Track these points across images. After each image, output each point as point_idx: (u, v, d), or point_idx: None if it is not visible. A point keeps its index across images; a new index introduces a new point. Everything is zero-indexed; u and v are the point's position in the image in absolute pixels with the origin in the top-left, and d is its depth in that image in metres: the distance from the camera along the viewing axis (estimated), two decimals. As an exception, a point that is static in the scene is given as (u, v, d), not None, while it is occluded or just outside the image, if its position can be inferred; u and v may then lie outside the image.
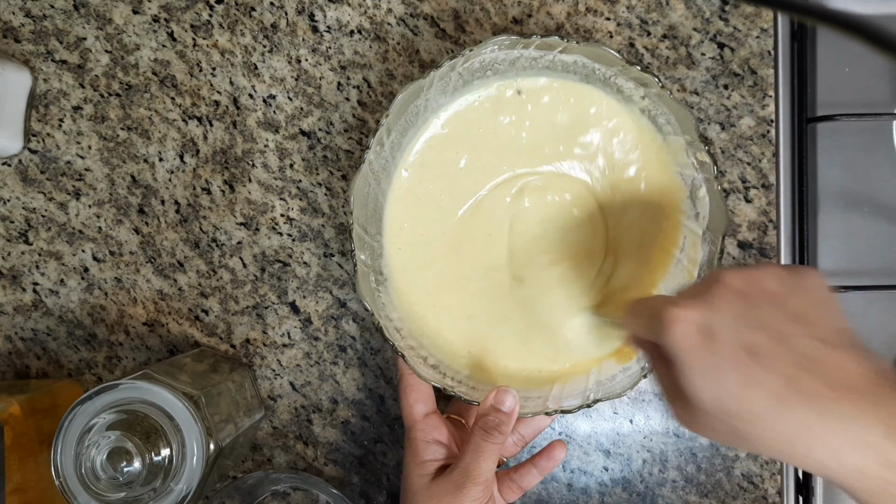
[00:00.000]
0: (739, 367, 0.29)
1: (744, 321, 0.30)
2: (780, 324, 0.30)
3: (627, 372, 0.44)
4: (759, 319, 0.30)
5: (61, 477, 0.39)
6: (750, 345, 0.29)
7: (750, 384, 0.29)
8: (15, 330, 0.52)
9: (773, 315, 0.30)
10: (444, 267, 0.47)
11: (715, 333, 0.30)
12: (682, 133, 0.43)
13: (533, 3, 0.51)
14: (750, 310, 0.30)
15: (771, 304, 0.30)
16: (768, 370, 0.29)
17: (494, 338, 0.47)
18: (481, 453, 0.41)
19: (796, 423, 0.28)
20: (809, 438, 0.28)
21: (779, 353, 0.29)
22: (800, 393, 0.28)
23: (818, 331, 0.29)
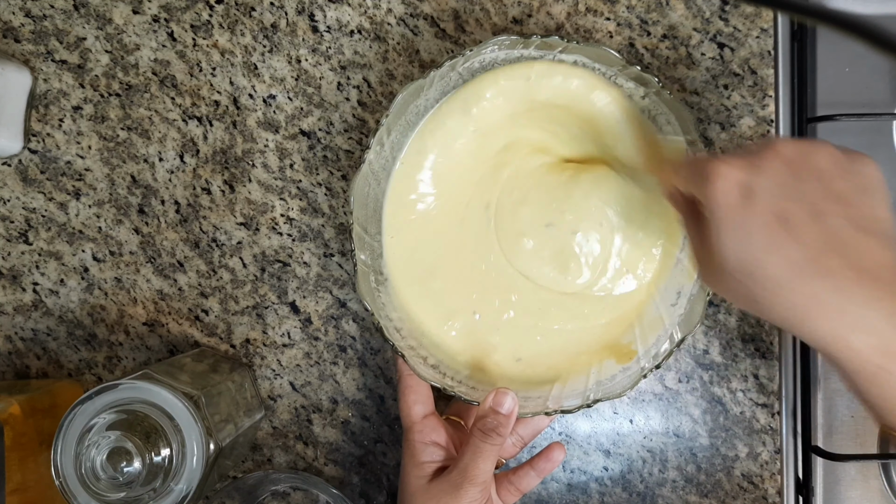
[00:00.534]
0: (768, 231, 0.29)
1: (785, 190, 0.30)
2: (820, 200, 0.30)
3: (627, 372, 0.44)
4: (801, 191, 0.30)
5: (61, 477, 0.39)
6: (784, 213, 0.29)
7: (773, 250, 0.29)
8: (15, 330, 0.52)
9: (815, 190, 0.30)
10: (443, 267, 0.47)
11: (754, 195, 0.30)
12: (682, 133, 0.43)
13: (533, 3, 0.51)
14: (794, 180, 0.30)
15: (816, 180, 0.30)
16: (795, 240, 0.29)
17: (494, 337, 0.47)
18: (480, 454, 0.41)
19: (808, 295, 0.29)
20: (817, 312, 0.29)
21: (809, 226, 0.29)
22: (819, 267, 0.29)
23: (855, 214, 0.30)
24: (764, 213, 0.30)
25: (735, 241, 0.30)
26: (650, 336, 0.45)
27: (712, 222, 0.31)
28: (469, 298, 0.47)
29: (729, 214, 0.30)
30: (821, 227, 0.29)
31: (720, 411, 0.51)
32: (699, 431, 0.51)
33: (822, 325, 0.29)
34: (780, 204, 0.30)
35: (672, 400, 0.51)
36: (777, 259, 0.29)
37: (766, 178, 0.30)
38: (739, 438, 0.51)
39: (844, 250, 0.29)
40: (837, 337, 0.29)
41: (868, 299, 0.28)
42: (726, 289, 0.32)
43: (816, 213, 0.29)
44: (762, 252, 0.30)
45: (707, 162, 0.32)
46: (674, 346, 0.43)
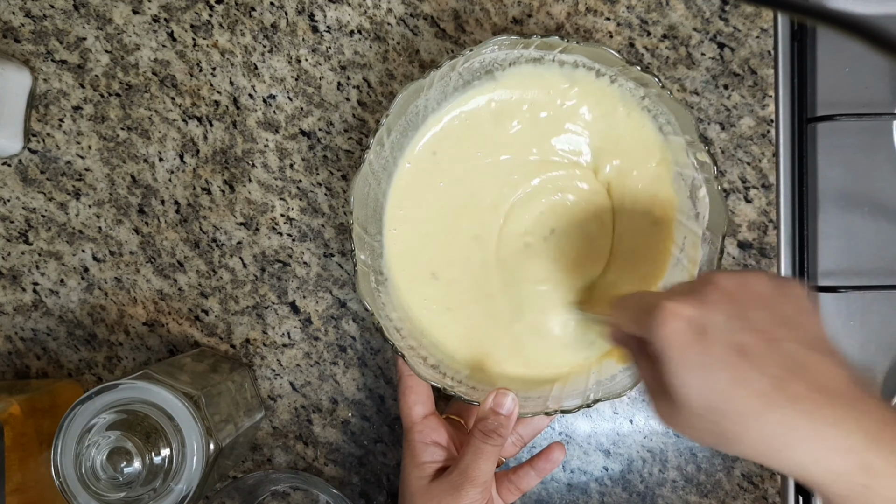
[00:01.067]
0: (730, 366, 0.29)
1: (736, 321, 0.30)
2: (770, 327, 0.30)
3: (628, 371, 0.44)
4: (750, 321, 0.30)
5: (61, 477, 0.39)
6: (741, 345, 0.29)
7: (739, 383, 0.29)
8: (15, 330, 0.52)
9: (764, 318, 0.30)
10: (443, 267, 0.47)
11: (707, 332, 0.30)
12: (682, 133, 0.43)
13: (533, 3, 0.51)
14: (741, 311, 0.30)
15: (761, 308, 0.30)
16: (758, 371, 0.29)
17: (493, 337, 0.47)
18: (480, 455, 0.41)
19: (781, 424, 0.28)
20: (792, 439, 0.28)
21: (768, 354, 0.29)
22: (787, 394, 0.28)
23: (804, 336, 0.30)
24: (721, 348, 0.29)
25: (697, 380, 0.30)
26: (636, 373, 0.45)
27: (667, 363, 0.30)
28: (470, 298, 0.47)
29: (686, 354, 0.30)
30: (778, 353, 0.29)
31: (720, 411, 0.51)
32: (699, 431, 0.51)
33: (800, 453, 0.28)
34: (735, 336, 0.30)
35: (672, 400, 0.51)
36: (745, 391, 0.29)
37: (715, 312, 0.30)
38: (739, 438, 0.51)
39: (805, 373, 0.29)
40: (817, 462, 0.28)
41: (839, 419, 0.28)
42: (687, 425, 0.31)
43: (770, 339, 0.30)
44: (728, 386, 0.29)
45: (652, 303, 0.32)
46: None
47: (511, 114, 0.46)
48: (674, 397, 0.31)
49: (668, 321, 0.30)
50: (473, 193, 0.47)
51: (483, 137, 0.46)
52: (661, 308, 0.31)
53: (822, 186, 0.51)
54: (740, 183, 0.51)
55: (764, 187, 0.51)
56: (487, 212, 0.47)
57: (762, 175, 0.51)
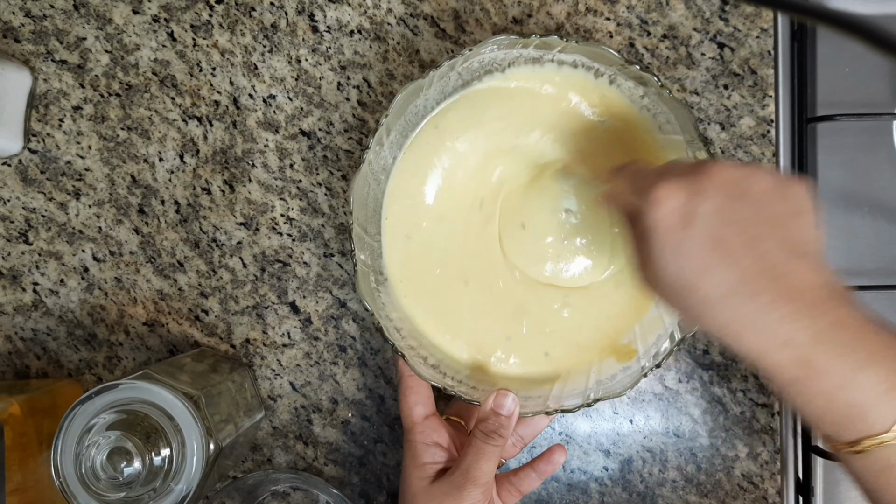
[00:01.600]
0: (703, 253, 0.31)
1: (722, 215, 0.31)
2: (754, 224, 0.31)
3: (628, 371, 0.44)
4: (738, 216, 0.31)
5: (61, 477, 0.39)
6: (719, 237, 0.31)
7: (707, 272, 0.31)
8: (15, 330, 0.52)
9: (750, 215, 0.32)
10: (443, 267, 0.47)
11: (692, 220, 0.31)
12: (681, 132, 0.43)
13: (533, 3, 0.51)
14: (732, 205, 0.32)
15: (753, 205, 0.32)
16: (727, 263, 0.31)
17: (494, 337, 0.47)
18: (481, 455, 0.41)
19: (736, 315, 0.31)
20: (744, 330, 0.31)
21: (744, 250, 0.31)
22: (747, 288, 0.31)
23: (787, 238, 0.32)
24: (701, 237, 0.31)
25: (672, 261, 0.32)
26: (650, 335, 0.45)
27: (651, 241, 0.33)
28: (468, 299, 0.47)
29: (668, 236, 0.32)
30: (753, 251, 0.31)
31: (720, 411, 0.51)
32: (699, 431, 0.51)
33: (749, 343, 0.31)
34: (718, 228, 0.31)
35: (672, 400, 0.51)
36: (710, 281, 0.31)
37: (705, 203, 0.31)
38: (739, 438, 0.51)
39: (774, 273, 0.31)
40: (762, 353, 0.31)
41: (788, 316, 0.30)
42: (662, 296, 0.34)
43: (750, 237, 0.31)
44: (696, 274, 0.31)
45: (650, 179, 0.33)
46: (674, 345, 0.43)
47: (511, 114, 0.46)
48: (652, 269, 0.33)
49: (659, 203, 0.32)
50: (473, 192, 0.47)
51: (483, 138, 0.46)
52: (655, 190, 0.32)
53: (822, 186, 0.51)
54: (740, 183, 0.51)
55: (764, 187, 0.51)
56: (486, 210, 0.47)
57: (762, 175, 0.51)
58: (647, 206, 0.32)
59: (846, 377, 0.30)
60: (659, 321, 0.45)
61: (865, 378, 0.30)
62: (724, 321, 0.31)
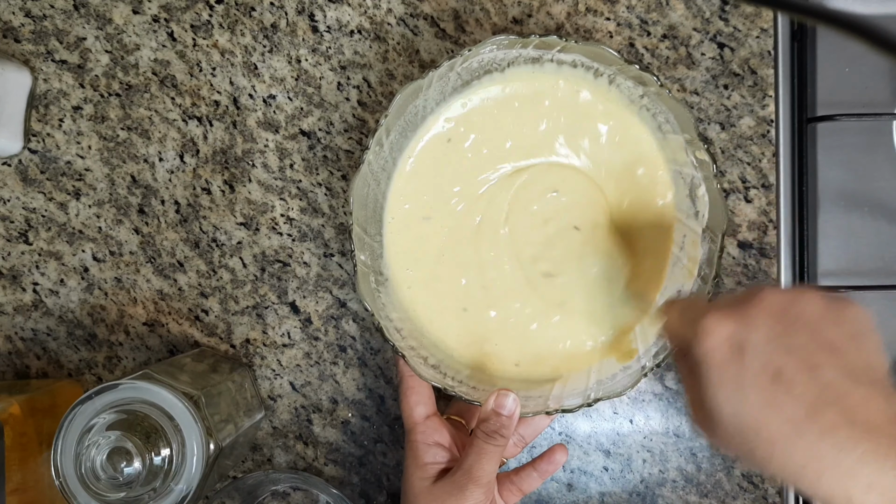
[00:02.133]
0: (762, 388, 0.29)
1: (776, 343, 0.30)
2: (812, 352, 0.29)
3: (628, 371, 0.44)
4: (792, 344, 0.30)
5: (61, 477, 0.39)
6: (777, 368, 0.29)
7: (769, 407, 0.29)
8: (15, 330, 0.52)
9: (806, 342, 0.30)
10: (443, 267, 0.47)
11: (745, 350, 0.30)
12: (681, 132, 0.43)
13: (533, 3, 0.51)
14: (784, 332, 0.30)
15: (806, 331, 0.30)
16: (790, 397, 0.29)
17: (495, 337, 0.47)
18: (483, 455, 0.41)
19: (810, 453, 0.28)
20: (819, 470, 0.28)
21: (804, 380, 0.29)
22: (818, 424, 0.28)
23: (849, 364, 0.29)
24: (757, 369, 0.30)
25: (729, 397, 0.30)
26: (651, 334, 0.45)
27: (704, 377, 0.31)
28: (470, 299, 0.47)
29: (721, 370, 0.30)
30: (815, 380, 0.29)
31: (720, 411, 0.51)
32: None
33: (826, 483, 0.28)
34: (773, 358, 0.30)
35: (672, 400, 0.51)
36: (775, 416, 0.29)
37: (756, 332, 0.30)
38: (739, 438, 0.51)
39: (842, 403, 0.28)
40: (842, 496, 0.28)
41: (870, 455, 0.28)
42: (720, 439, 0.32)
43: (809, 365, 0.29)
44: (758, 409, 0.29)
45: (699, 312, 0.32)
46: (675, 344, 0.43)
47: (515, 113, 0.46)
48: (707, 408, 0.31)
49: (708, 335, 0.31)
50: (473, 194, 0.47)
51: (486, 137, 0.46)
52: (704, 321, 0.31)
53: (822, 186, 0.51)
54: (740, 183, 0.51)
55: (764, 187, 0.51)
56: (487, 210, 0.47)
57: (762, 175, 0.51)
58: (695, 341, 0.31)
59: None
60: None
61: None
62: (793, 461, 0.29)
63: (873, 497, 0.27)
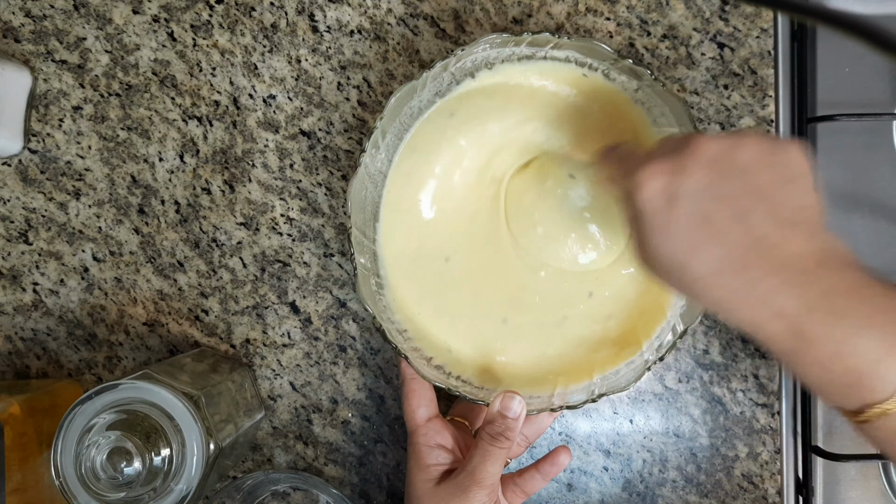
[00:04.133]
0: (689, 233, 0.31)
1: (708, 190, 0.31)
2: (742, 198, 0.31)
3: (631, 366, 0.44)
4: (724, 191, 0.31)
5: (61, 477, 0.39)
6: (706, 215, 0.31)
7: (695, 251, 0.31)
8: (15, 330, 0.52)
9: (738, 188, 0.31)
10: (443, 268, 0.47)
11: (677, 199, 0.31)
12: (676, 125, 0.43)
13: (533, 3, 0.51)
14: (718, 180, 0.31)
15: (740, 177, 0.31)
16: (716, 241, 0.31)
17: (498, 336, 0.47)
18: (488, 457, 0.41)
19: (728, 290, 0.31)
20: (737, 305, 0.31)
21: (729, 225, 0.31)
22: (735, 263, 0.31)
23: (777, 207, 0.31)
24: (687, 217, 0.31)
25: (661, 243, 0.32)
26: (653, 328, 0.45)
27: (640, 222, 0.33)
28: (472, 299, 0.47)
29: (654, 218, 0.32)
30: (742, 226, 0.31)
31: (720, 411, 0.51)
32: (699, 431, 0.51)
33: (742, 317, 0.31)
34: (704, 206, 0.31)
35: (672, 400, 0.51)
36: (698, 259, 0.31)
37: (690, 180, 0.31)
38: (739, 438, 0.51)
39: (763, 245, 0.30)
40: (756, 326, 0.31)
41: (777, 287, 0.30)
42: (658, 276, 0.34)
43: (738, 211, 0.31)
44: (685, 254, 0.31)
45: (637, 160, 0.33)
46: (677, 337, 0.43)
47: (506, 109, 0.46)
48: (647, 253, 0.33)
49: (643, 185, 0.32)
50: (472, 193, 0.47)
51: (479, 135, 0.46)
52: (640, 171, 0.32)
53: (822, 186, 0.51)
54: (740, 183, 0.51)
55: (764, 187, 0.51)
56: (485, 210, 0.47)
57: (762, 175, 0.51)
58: (634, 189, 0.32)
59: (841, 344, 0.30)
60: (661, 314, 0.45)
61: (862, 343, 0.29)
62: (717, 298, 0.31)
63: (779, 324, 0.30)
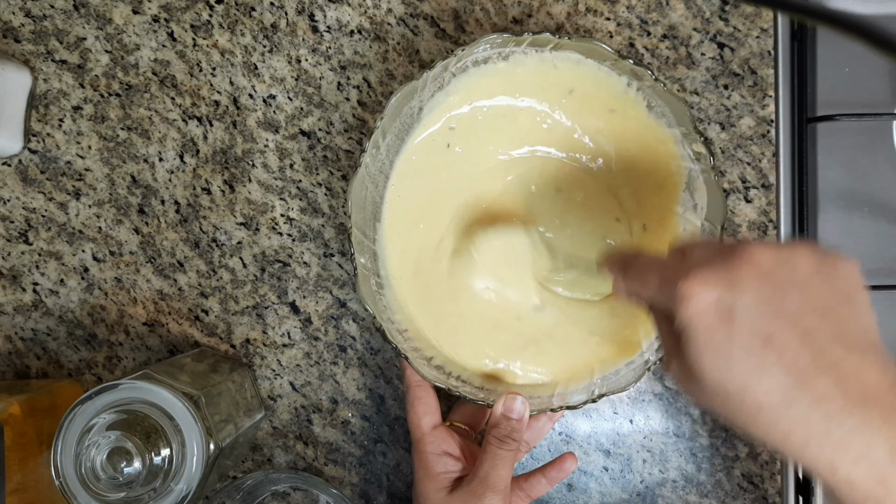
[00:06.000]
0: (752, 354, 0.28)
1: (766, 307, 0.28)
2: (804, 316, 0.28)
3: (631, 366, 0.44)
4: (783, 307, 0.28)
5: (61, 477, 0.39)
6: (767, 333, 0.28)
7: (759, 374, 0.28)
8: (15, 330, 0.52)
9: (798, 305, 0.28)
10: (443, 268, 0.47)
11: (734, 315, 0.28)
12: (677, 125, 0.43)
13: (533, 3, 0.51)
14: (774, 294, 0.28)
15: (798, 293, 0.28)
16: (781, 363, 0.27)
17: (499, 336, 0.47)
18: (498, 461, 0.41)
19: (799, 423, 0.27)
20: (808, 439, 0.27)
21: (796, 346, 0.27)
22: (808, 393, 0.27)
23: (843, 329, 0.28)
24: (746, 334, 0.28)
25: (717, 363, 0.28)
26: (653, 328, 0.45)
27: (689, 341, 0.29)
28: (473, 299, 0.47)
29: (708, 336, 0.28)
30: (808, 347, 0.28)
31: (720, 411, 0.51)
32: (699, 431, 0.51)
33: (815, 454, 0.27)
34: (763, 322, 0.28)
35: (672, 400, 0.51)
36: (764, 384, 0.28)
37: (745, 295, 0.28)
38: (739, 438, 0.51)
39: (835, 372, 0.27)
40: (831, 466, 0.27)
41: (859, 428, 0.27)
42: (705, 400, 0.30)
43: (802, 330, 0.28)
44: (747, 376, 0.28)
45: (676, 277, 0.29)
46: None
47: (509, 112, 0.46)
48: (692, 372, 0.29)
49: (693, 299, 0.28)
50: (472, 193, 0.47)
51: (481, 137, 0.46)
52: (685, 283, 0.29)
53: (822, 186, 0.51)
54: (740, 183, 0.51)
55: (764, 187, 0.51)
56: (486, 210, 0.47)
57: (762, 175, 0.51)
58: (677, 305, 0.29)
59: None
60: None
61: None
62: (784, 430, 0.28)
63: (862, 469, 0.27)
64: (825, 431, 0.27)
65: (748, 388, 0.28)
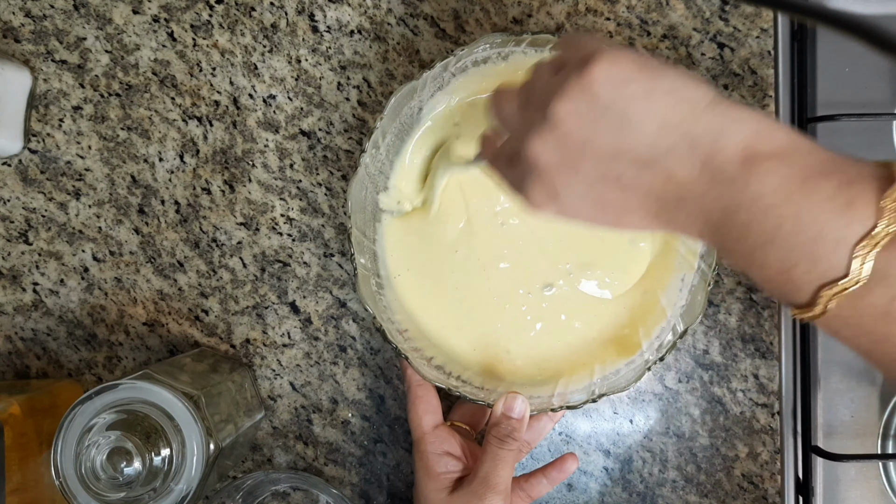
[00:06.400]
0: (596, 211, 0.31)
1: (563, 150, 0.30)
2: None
3: (632, 365, 0.44)
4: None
5: (61, 477, 0.39)
6: (596, 199, 0.30)
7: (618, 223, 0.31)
8: (15, 330, 0.52)
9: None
10: (444, 268, 0.47)
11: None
12: None
13: (533, 3, 0.51)
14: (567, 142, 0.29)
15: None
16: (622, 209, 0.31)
17: (499, 336, 0.47)
18: (499, 461, 0.41)
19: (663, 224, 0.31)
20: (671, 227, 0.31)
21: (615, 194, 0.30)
22: (653, 221, 0.30)
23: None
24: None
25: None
26: (653, 328, 0.45)
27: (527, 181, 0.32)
28: (473, 299, 0.47)
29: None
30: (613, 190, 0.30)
31: (720, 411, 0.51)
32: (699, 431, 0.51)
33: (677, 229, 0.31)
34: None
35: (672, 400, 0.51)
36: (626, 224, 0.31)
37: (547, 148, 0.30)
38: (739, 438, 0.51)
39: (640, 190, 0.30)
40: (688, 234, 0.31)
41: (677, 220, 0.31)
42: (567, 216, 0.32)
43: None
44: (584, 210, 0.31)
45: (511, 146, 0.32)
46: (677, 337, 0.43)
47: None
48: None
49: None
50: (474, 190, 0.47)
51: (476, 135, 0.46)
52: (527, 141, 0.30)
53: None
54: (740, 183, 0.51)
55: (764, 187, 0.51)
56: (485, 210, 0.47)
57: (762, 175, 0.51)
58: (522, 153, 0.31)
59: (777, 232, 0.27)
60: (661, 313, 0.45)
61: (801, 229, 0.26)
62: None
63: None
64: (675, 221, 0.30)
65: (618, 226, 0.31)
